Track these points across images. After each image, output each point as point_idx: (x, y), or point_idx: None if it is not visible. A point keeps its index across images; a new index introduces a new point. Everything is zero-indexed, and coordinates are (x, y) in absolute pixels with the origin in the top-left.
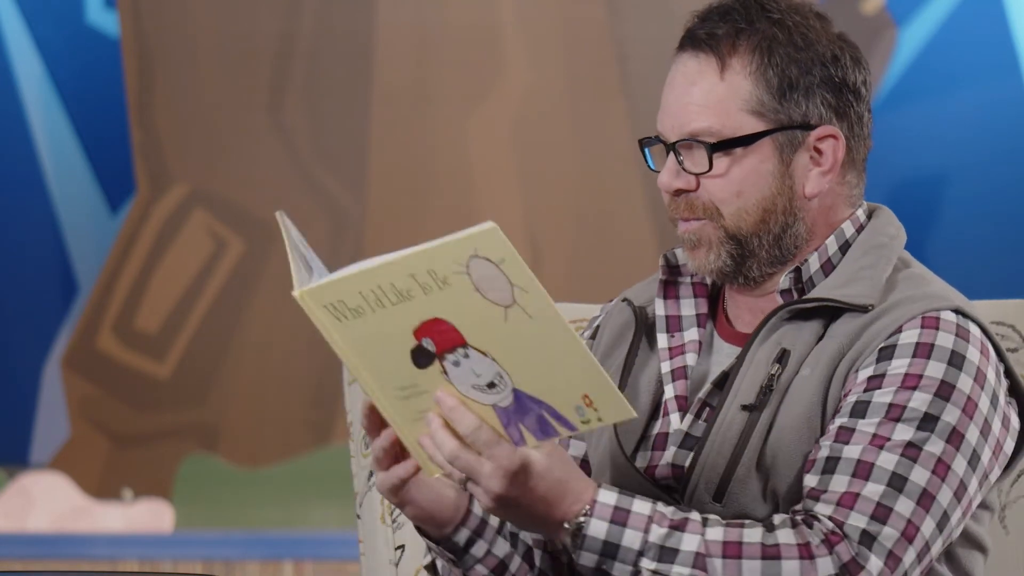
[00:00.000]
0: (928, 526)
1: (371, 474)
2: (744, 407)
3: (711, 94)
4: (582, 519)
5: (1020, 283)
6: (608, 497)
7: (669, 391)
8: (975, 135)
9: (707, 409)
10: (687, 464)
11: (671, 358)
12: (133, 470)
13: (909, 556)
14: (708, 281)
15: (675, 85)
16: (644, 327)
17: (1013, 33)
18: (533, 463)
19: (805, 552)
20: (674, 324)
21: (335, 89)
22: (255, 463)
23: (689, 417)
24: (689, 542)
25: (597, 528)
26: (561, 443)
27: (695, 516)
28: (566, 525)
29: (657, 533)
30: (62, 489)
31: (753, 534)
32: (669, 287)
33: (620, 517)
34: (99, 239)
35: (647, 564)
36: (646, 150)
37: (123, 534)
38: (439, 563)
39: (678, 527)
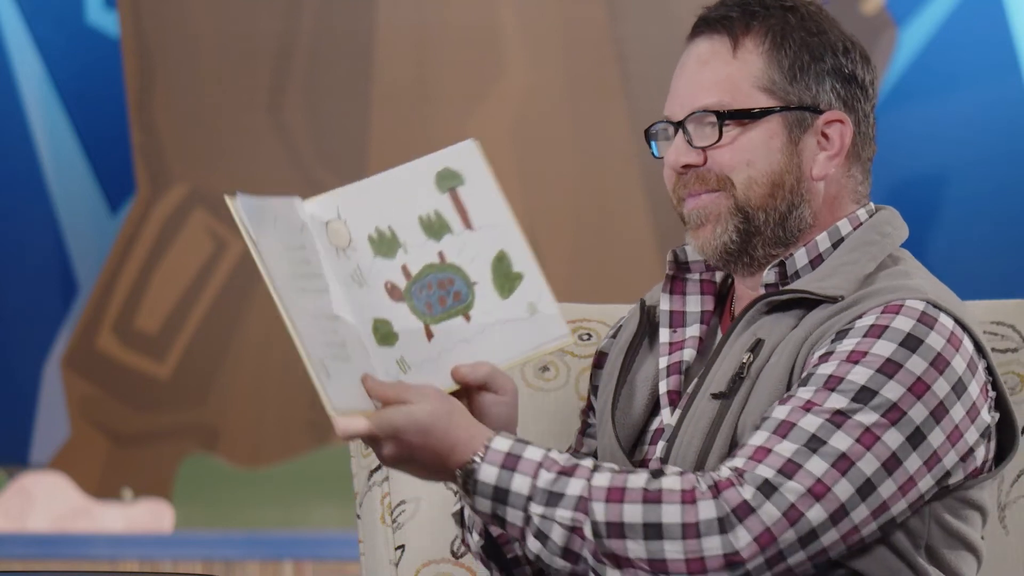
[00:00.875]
0: (844, 490)
1: (371, 474)
2: (714, 395)
3: (722, 71)
4: (474, 464)
5: (1020, 283)
6: (502, 444)
7: (663, 386)
8: (975, 135)
9: None
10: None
11: (670, 353)
12: (133, 470)
13: (816, 514)
14: (717, 279)
15: (686, 67)
16: (649, 324)
17: (1013, 33)
18: (405, 428)
19: (688, 497)
20: (678, 320)
21: (335, 89)
22: (255, 463)
23: (679, 412)
24: (574, 487)
25: (488, 473)
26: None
27: (586, 463)
28: (458, 472)
29: (545, 478)
30: (62, 489)
31: (637, 480)
32: (677, 283)
33: (511, 463)
34: (99, 239)
35: (535, 509)
36: (652, 142)
37: (123, 534)
38: (466, 511)
39: (566, 472)
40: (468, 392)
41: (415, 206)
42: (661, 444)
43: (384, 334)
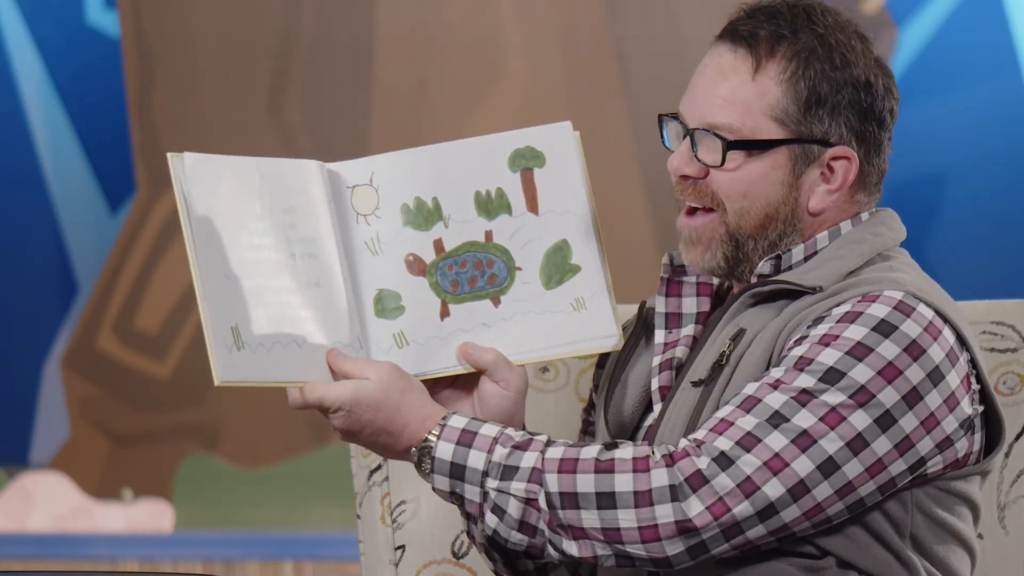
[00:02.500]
0: (803, 466)
1: (371, 474)
2: (694, 383)
3: (739, 92)
4: (430, 441)
5: (1020, 283)
6: (458, 421)
7: (654, 383)
8: (975, 135)
9: None
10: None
11: (663, 352)
12: (133, 470)
13: (773, 488)
14: (714, 281)
15: (706, 73)
16: (646, 326)
17: (1013, 33)
18: (351, 401)
19: (641, 465)
20: (673, 321)
21: (335, 89)
22: (255, 463)
23: (663, 403)
24: (528, 459)
25: (444, 450)
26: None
27: (541, 437)
28: (413, 450)
29: (500, 453)
30: (62, 489)
31: (590, 451)
32: (672, 285)
33: (467, 439)
34: (99, 239)
35: (491, 483)
36: (664, 127)
37: (123, 534)
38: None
39: (520, 447)
40: (472, 379)
41: (475, 180)
42: None
43: (386, 306)
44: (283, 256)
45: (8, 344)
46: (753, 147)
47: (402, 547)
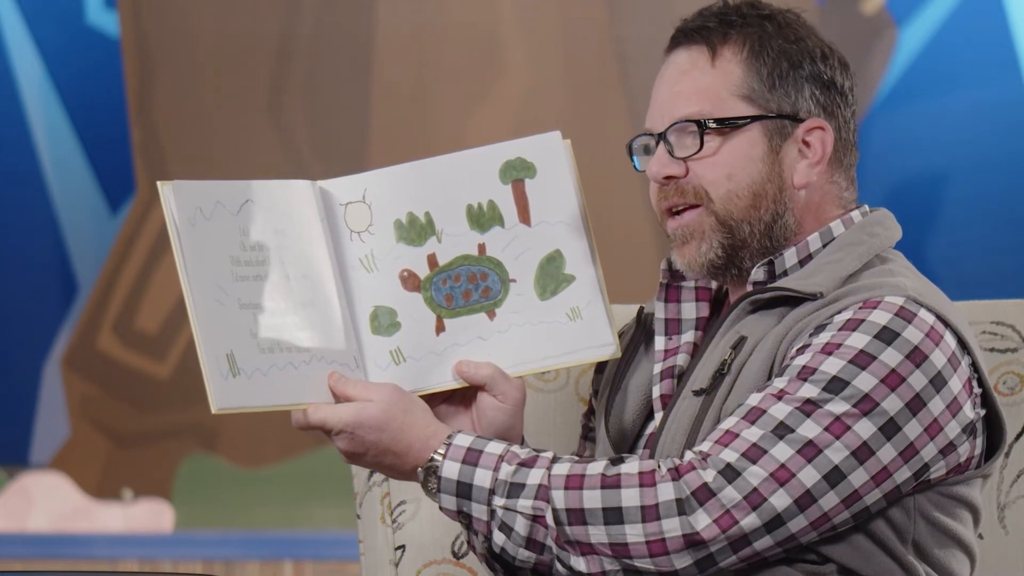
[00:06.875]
0: (810, 476)
1: (371, 474)
2: (695, 392)
3: (701, 81)
4: (436, 461)
5: (1020, 283)
6: (463, 440)
7: (655, 391)
8: (975, 135)
9: None
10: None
11: (664, 359)
12: (133, 470)
13: (780, 499)
14: (712, 285)
15: (665, 78)
16: (645, 332)
17: (1013, 33)
18: (354, 423)
19: (647, 480)
20: (673, 327)
21: (335, 89)
22: (255, 463)
23: (664, 412)
24: (534, 476)
25: (450, 469)
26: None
27: (546, 454)
28: (419, 471)
29: (506, 471)
30: (62, 489)
31: (596, 467)
32: (671, 291)
33: (472, 457)
34: (99, 239)
35: (498, 501)
36: (634, 156)
37: (123, 534)
38: None
39: (526, 464)
40: (470, 393)
41: (466, 194)
42: None
43: (382, 323)
44: (276, 278)
45: (8, 344)
46: (727, 125)
47: (402, 547)
